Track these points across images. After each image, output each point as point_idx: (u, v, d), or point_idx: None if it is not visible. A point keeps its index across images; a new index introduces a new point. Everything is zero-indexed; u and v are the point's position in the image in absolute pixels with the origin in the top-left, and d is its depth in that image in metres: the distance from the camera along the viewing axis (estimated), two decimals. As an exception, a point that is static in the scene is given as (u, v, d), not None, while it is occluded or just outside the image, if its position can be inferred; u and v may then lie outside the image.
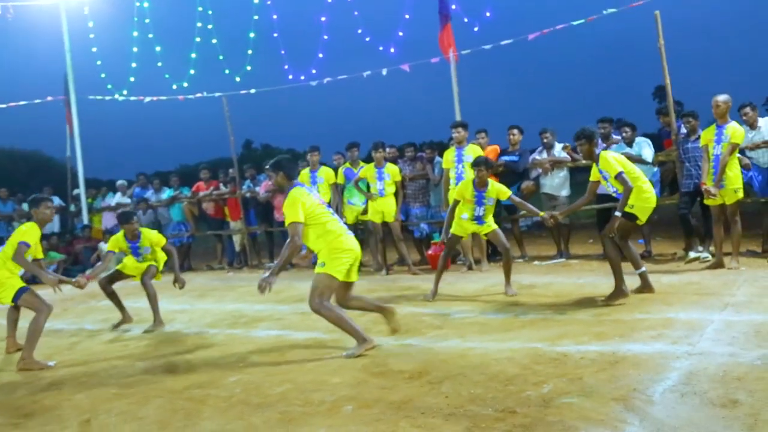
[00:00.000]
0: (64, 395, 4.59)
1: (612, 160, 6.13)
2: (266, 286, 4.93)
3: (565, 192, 9.66)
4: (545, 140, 9.61)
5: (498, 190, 7.22)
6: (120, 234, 7.17)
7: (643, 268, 6.39)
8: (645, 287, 6.36)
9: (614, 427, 3.10)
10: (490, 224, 7.33)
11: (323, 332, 5.98)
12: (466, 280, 8.44)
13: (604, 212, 9.39)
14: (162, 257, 7.40)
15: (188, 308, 8.19)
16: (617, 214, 6.07)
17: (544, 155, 9.54)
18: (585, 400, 3.50)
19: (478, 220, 7.29)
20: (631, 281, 6.31)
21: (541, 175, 9.67)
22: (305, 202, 5.04)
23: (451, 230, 7.39)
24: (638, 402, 3.39)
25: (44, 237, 13.51)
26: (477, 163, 7.22)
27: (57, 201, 14.57)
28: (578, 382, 3.84)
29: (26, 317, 6.07)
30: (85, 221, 13.95)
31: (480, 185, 7.18)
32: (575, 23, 9.32)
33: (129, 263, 7.34)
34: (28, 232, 5.91)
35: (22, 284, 5.94)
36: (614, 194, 6.37)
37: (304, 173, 10.24)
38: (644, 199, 6.14)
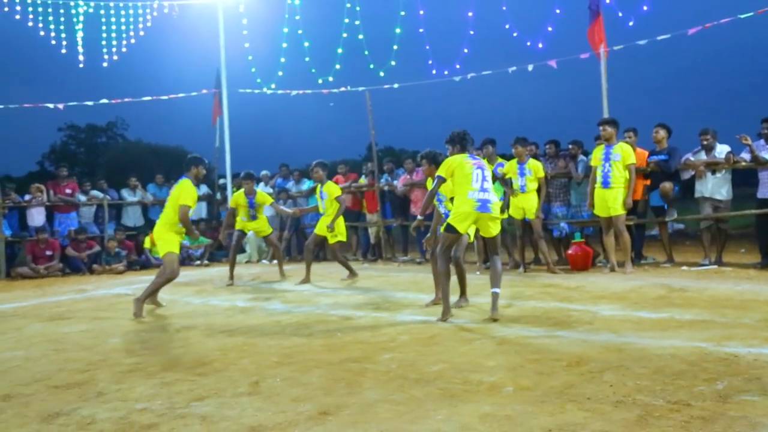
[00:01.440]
0: (230, 360, 4.86)
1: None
2: None
3: (726, 195, 9.09)
4: (705, 142, 9.06)
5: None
6: (240, 192, 9.66)
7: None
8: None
9: (808, 426, 2.90)
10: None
11: (469, 320, 6.00)
12: (609, 280, 8.18)
13: (765, 219, 8.82)
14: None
15: (330, 293, 8.45)
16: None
17: (702, 156, 9.04)
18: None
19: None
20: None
21: (696, 177, 9.18)
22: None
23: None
24: (831, 404, 3.16)
25: (192, 222, 14.44)
26: (421, 157, 7.04)
27: (204, 189, 15.47)
28: (756, 381, 3.63)
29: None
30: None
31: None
32: (743, 16, 8.78)
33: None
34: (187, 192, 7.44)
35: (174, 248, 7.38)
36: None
37: None
38: (459, 205, 6.08)
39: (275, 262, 13.27)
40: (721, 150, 8.99)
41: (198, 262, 13.53)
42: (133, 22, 13.43)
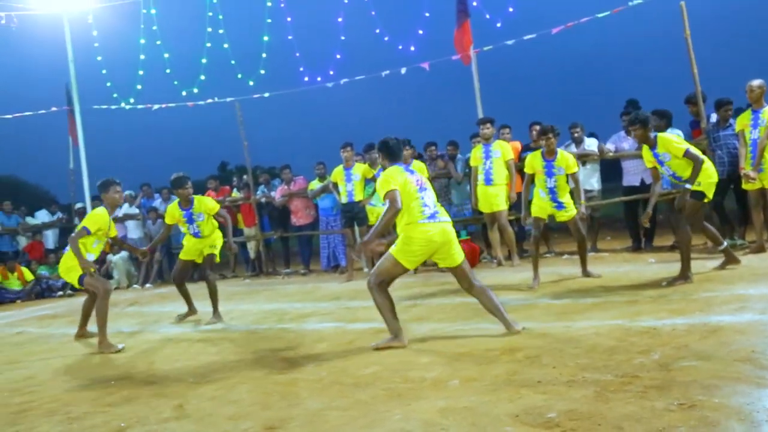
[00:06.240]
0: (138, 385, 4.41)
1: (675, 139, 6.17)
2: (361, 249, 4.97)
3: (596, 184, 9.63)
4: (575, 135, 9.53)
5: (566, 159, 7.14)
6: (174, 204, 7.27)
7: (725, 244, 6.59)
8: (730, 260, 6.54)
9: (756, 383, 3.01)
10: (570, 210, 7.19)
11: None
12: (502, 274, 8.36)
13: (632, 205, 9.42)
14: (218, 236, 7.46)
15: (222, 309, 7.97)
16: (688, 186, 6.05)
17: (573, 149, 9.49)
18: (706, 363, 3.41)
19: (555, 200, 7.16)
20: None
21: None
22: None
23: (532, 213, 7.33)
24: (766, 361, 3.32)
25: (52, 251, 13.26)
26: (545, 131, 7.17)
27: (42, 217, 14.23)
28: (686, 348, 3.76)
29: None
30: (92, 233, 13.62)
31: (548, 154, 7.15)
32: (600, 15, 9.35)
33: (188, 245, 7.37)
34: (93, 217, 6.33)
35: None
36: (671, 177, 6.34)
37: (338, 170, 10.01)
38: (708, 175, 6.14)
39: (148, 286, 12.46)
40: (590, 143, 9.49)
41: (60, 292, 12.45)
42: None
